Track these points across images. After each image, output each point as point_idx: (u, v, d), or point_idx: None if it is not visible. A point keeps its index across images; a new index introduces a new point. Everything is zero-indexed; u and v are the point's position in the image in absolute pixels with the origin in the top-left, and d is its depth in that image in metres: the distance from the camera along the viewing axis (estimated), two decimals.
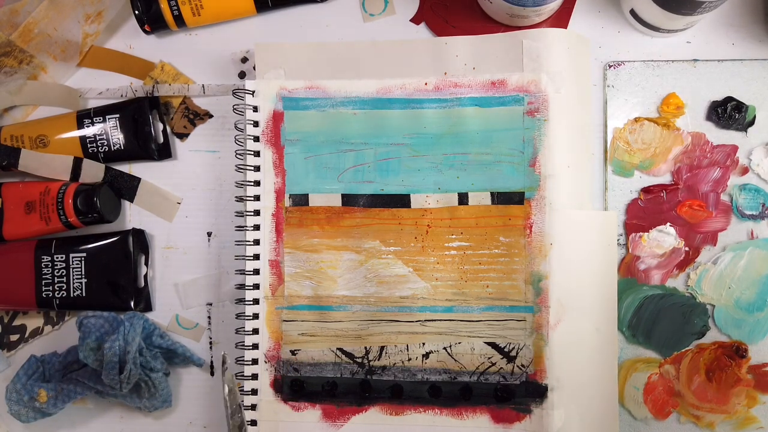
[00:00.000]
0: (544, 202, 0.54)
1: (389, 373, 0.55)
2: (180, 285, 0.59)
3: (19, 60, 0.57)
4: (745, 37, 0.57)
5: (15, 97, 0.59)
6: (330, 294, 0.56)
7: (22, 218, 0.57)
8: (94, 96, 0.60)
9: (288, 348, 0.56)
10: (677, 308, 0.55)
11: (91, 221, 0.57)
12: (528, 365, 0.54)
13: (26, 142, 0.58)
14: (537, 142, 0.55)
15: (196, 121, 0.60)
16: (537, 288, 0.54)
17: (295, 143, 0.57)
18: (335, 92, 0.57)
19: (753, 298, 0.55)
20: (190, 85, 0.60)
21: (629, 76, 0.57)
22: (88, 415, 0.59)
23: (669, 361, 0.55)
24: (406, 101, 0.56)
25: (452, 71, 0.56)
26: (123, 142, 0.59)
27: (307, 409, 0.56)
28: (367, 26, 0.59)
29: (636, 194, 0.56)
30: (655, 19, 0.54)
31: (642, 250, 0.55)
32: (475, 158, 0.56)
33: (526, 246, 0.55)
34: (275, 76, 0.57)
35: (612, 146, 0.56)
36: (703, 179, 0.55)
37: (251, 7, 0.59)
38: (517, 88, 0.55)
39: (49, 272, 0.57)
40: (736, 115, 0.55)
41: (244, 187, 0.57)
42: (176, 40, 0.61)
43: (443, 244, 0.56)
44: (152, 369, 0.55)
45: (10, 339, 0.60)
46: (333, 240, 0.56)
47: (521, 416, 0.54)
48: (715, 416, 0.54)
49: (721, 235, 0.55)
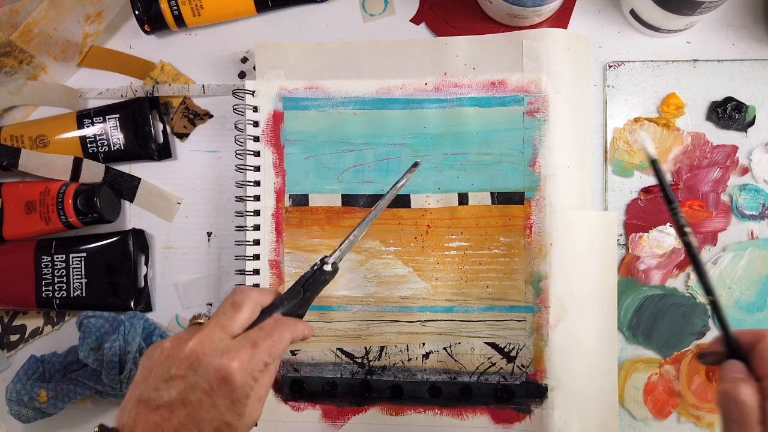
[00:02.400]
0: (544, 202, 0.54)
1: (389, 373, 0.55)
2: (180, 285, 0.59)
3: (19, 60, 0.57)
4: (745, 37, 0.57)
5: (15, 97, 0.59)
6: (330, 294, 0.56)
7: (22, 218, 0.57)
8: (94, 96, 0.60)
9: (288, 348, 0.56)
10: (677, 308, 0.55)
11: (91, 221, 0.57)
12: (528, 365, 0.54)
13: (26, 142, 0.58)
14: (537, 142, 0.55)
15: (196, 121, 0.60)
16: (537, 288, 0.54)
17: (295, 143, 0.57)
18: (335, 92, 0.57)
19: (753, 298, 0.55)
20: (190, 85, 0.60)
21: (629, 76, 0.56)
22: (88, 415, 0.59)
23: (669, 361, 0.55)
24: (406, 101, 0.56)
25: (452, 71, 0.56)
26: (123, 142, 0.59)
27: (307, 409, 0.56)
28: (367, 26, 0.59)
29: (636, 194, 0.56)
30: (655, 19, 0.54)
31: (642, 250, 0.55)
32: (475, 158, 0.56)
33: (526, 246, 0.55)
34: (275, 76, 0.57)
35: (612, 146, 0.56)
36: (703, 179, 0.55)
37: (251, 7, 0.59)
38: (517, 88, 0.55)
39: (49, 272, 0.57)
40: (736, 115, 0.55)
41: (244, 187, 0.57)
42: (176, 40, 0.61)
43: (443, 244, 0.56)
44: None
45: (10, 339, 0.60)
46: (333, 240, 0.56)
47: (521, 416, 0.54)
48: (715, 416, 0.54)
49: (721, 235, 0.55)
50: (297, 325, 0.40)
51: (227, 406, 0.36)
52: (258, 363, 0.37)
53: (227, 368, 0.36)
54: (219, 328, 0.38)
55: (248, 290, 0.40)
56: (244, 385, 0.36)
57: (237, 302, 0.39)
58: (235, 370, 0.36)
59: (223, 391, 0.36)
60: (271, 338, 0.38)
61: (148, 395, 0.36)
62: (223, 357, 0.36)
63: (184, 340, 0.37)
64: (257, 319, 0.40)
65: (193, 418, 0.35)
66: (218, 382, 0.36)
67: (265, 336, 0.38)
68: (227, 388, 0.36)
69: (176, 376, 0.36)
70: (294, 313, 0.42)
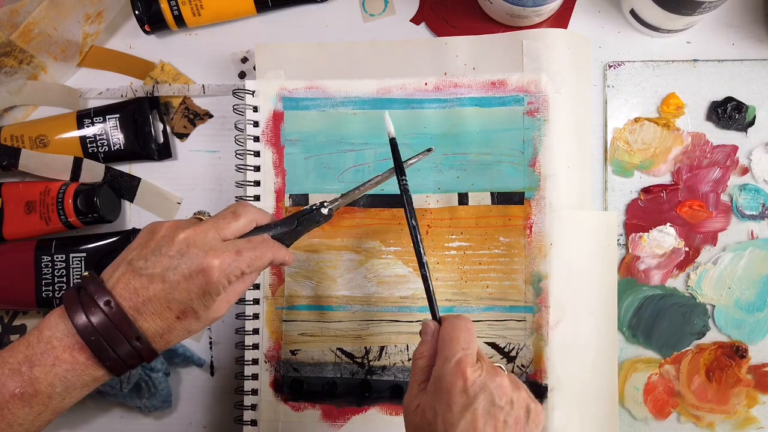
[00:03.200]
0: (544, 202, 0.54)
1: (389, 373, 0.55)
2: None
3: (19, 60, 0.57)
4: (745, 37, 0.57)
5: (15, 97, 0.59)
6: (330, 294, 0.56)
7: (22, 218, 0.57)
8: (94, 96, 0.60)
9: (288, 348, 0.56)
10: (677, 308, 0.55)
11: (91, 221, 0.57)
12: (528, 365, 0.54)
13: (26, 142, 0.58)
14: (537, 142, 0.55)
15: (196, 121, 0.60)
16: (537, 288, 0.54)
17: (295, 143, 0.57)
18: (335, 92, 0.57)
19: (753, 298, 0.55)
20: (190, 85, 0.60)
21: (629, 76, 0.56)
22: (88, 415, 0.59)
23: (669, 361, 0.55)
24: (406, 101, 0.56)
25: (452, 71, 0.56)
26: (123, 142, 0.59)
27: (307, 409, 0.56)
28: (367, 26, 0.59)
29: (636, 194, 0.56)
30: (655, 19, 0.54)
31: (642, 250, 0.55)
32: (475, 158, 0.56)
33: (526, 246, 0.55)
34: (275, 76, 0.57)
35: (612, 146, 0.56)
36: (703, 179, 0.55)
37: (251, 7, 0.59)
38: (517, 88, 0.55)
39: (49, 272, 0.57)
40: (736, 115, 0.55)
41: (244, 187, 0.57)
42: (176, 40, 0.61)
43: (443, 244, 0.56)
44: (152, 369, 0.55)
45: (10, 339, 0.60)
46: (333, 240, 0.56)
47: None
48: (715, 416, 0.54)
49: (721, 235, 0.55)
50: (281, 249, 0.44)
51: (198, 294, 0.40)
52: (236, 269, 0.41)
53: (209, 263, 0.40)
54: (214, 229, 0.42)
55: (249, 205, 0.44)
56: (217, 283, 0.40)
57: (237, 212, 0.43)
58: (215, 267, 0.40)
59: (199, 281, 0.40)
60: (255, 252, 0.42)
61: (136, 262, 0.40)
62: (209, 253, 0.40)
63: (182, 228, 0.41)
64: (249, 232, 0.44)
65: (166, 295, 0.40)
66: (197, 272, 0.40)
67: (251, 248, 0.42)
68: (203, 279, 0.40)
69: (165, 255, 0.40)
70: (282, 240, 0.45)
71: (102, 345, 0.39)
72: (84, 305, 0.39)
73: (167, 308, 0.40)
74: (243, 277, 0.42)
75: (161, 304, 0.40)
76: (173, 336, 0.41)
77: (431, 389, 0.40)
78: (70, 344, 0.39)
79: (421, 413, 0.40)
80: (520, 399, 0.40)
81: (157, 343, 0.41)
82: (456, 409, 0.38)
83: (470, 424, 0.38)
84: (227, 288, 0.41)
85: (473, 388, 0.39)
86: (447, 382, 0.39)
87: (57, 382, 0.39)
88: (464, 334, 0.41)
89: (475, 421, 0.38)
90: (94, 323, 0.39)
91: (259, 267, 0.42)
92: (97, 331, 0.39)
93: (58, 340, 0.39)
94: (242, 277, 0.42)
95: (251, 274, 0.43)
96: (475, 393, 0.39)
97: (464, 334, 0.41)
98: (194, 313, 0.41)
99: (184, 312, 0.40)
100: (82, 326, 0.39)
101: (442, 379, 0.40)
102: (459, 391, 0.39)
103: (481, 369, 0.40)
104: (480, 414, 0.38)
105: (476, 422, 0.38)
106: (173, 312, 0.40)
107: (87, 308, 0.39)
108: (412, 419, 0.40)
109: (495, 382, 0.39)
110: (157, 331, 0.40)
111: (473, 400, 0.38)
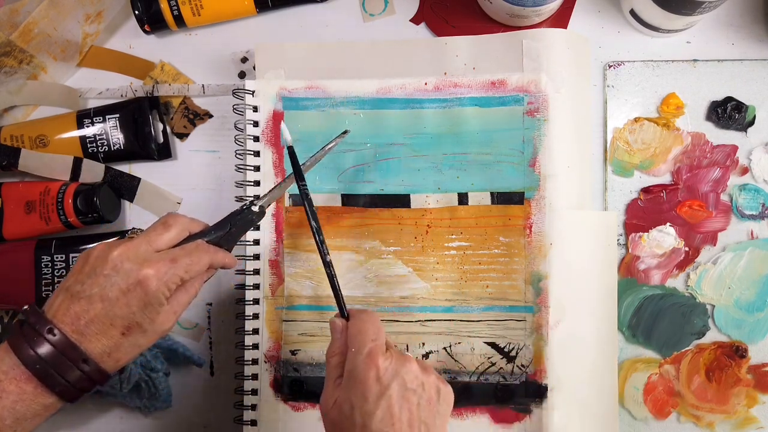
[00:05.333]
0: (544, 202, 0.54)
1: None
2: None
3: (19, 60, 0.57)
4: (745, 37, 0.57)
5: (15, 97, 0.59)
6: (330, 294, 0.56)
7: (22, 218, 0.57)
8: (94, 96, 0.60)
9: (288, 348, 0.56)
10: (677, 308, 0.55)
11: (91, 221, 0.57)
12: (528, 365, 0.54)
13: (26, 142, 0.58)
14: (537, 142, 0.55)
15: (196, 121, 0.60)
16: (537, 288, 0.54)
17: (295, 143, 0.57)
18: (335, 92, 0.57)
19: (753, 298, 0.55)
20: (190, 85, 0.60)
21: (629, 76, 0.57)
22: (88, 415, 0.59)
23: (669, 361, 0.55)
24: (406, 101, 0.56)
25: (452, 71, 0.56)
26: (123, 142, 0.59)
27: (307, 409, 0.56)
28: (367, 26, 0.59)
29: (636, 194, 0.56)
30: (655, 19, 0.54)
31: (642, 250, 0.55)
32: (475, 158, 0.56)
33: (526, 246, 0.55)
34: (275, 76, 0.57)
35: (612, 146, 0.56)
36: (703, 179, 0.55)
37: (251, 7, 0.59)
38: (517, 88, 0.55)
39: (49, 272, 0.57)
40: (736, 115, 0.55)
41: (244, 187, 0.57)
42: (176, 40, 0.61)
43: (443, 244, 0.56)
44: (152, 369, 0.55)
45: None
46: (333, 240, 0.56)
47: (521, 416, 0.54)
48: (715, 416, 0.54)
49: (721, 235, 0.55)
50: (218, 252, 0.44)
51: (139, 307, 0.40)
52: (173, 276, 0.41)
53: (144, 274, 0.40)
54: (146, 242, 0.42)
55: (180, 216, 0.45)
56: (156, 291, 0.40)
57: (167, 223, 0.44)
58: (151, 277, 0.40)
59: (138, 293, 0.40)
60: (190, 257, 0.42)
61: (74, 287, 0.41)
62: (143, 264, 0.41)
63: (114, 246, 0.41)
64: (183, 241, 0.44)
65: (107, 312, 0.40)
66: (134, 285, 0.40)
67: (185, 255, 0.42)
68: (141, 290, 0.40)
69: (100, 274, 0.40)
70: (220, 244, 0.45)
71: (48, 372, 0.39)
72: (27, 337, 0.40)
73: (111, 326, 0.40)
74: (185, 285, 0.42)
75: (104, 322, 0.40)
76: (122, 353, 0.41)
77: (345, 383, 0.41)
78: (16, 376, 0.39)
79: (338, 408, 0.41)
80: (430, 381, 0.42)
81: (106, 363, 0.41)
82: (372, 399, 0.40)
83: (386, 410, 0.40)
84: (170, 298, 0.41)
85: (386, 376, 0.40)
86: (360, 372, 0.41)
87: (5, 414, 0.39)
88: (372, 326, 0.43)
89: (390, 407, 0.40)
90: (39, 353, 0.39)
91: (196, 272, 0.42)
92: (42, 359, 0.39)
93: (4, 374, 0.39)
94: (184, 286, 0.42)
95: (193, 282, 0.43)
96: (388, 381, 0.40)
97: (372, 326, 0.43)
98: (139, 327, 0.41)
99: (128, 327, 0.40)
100: (26, 357, 0.39)
101: (355, 370, 0.41)
102: (373, 380, 0.40)
103: (392, 357, 0.42)
104: (395, 400, 0.40)
105: (392, 408, 0.40)
106: (117, 329, 0.40)
107: (30, 340, 0.39)
108: (330, 416, 0.41)
109: (405, 367, 0.41)
110: (103, 350, 0.40)
111: (387, 387, 0.40)
